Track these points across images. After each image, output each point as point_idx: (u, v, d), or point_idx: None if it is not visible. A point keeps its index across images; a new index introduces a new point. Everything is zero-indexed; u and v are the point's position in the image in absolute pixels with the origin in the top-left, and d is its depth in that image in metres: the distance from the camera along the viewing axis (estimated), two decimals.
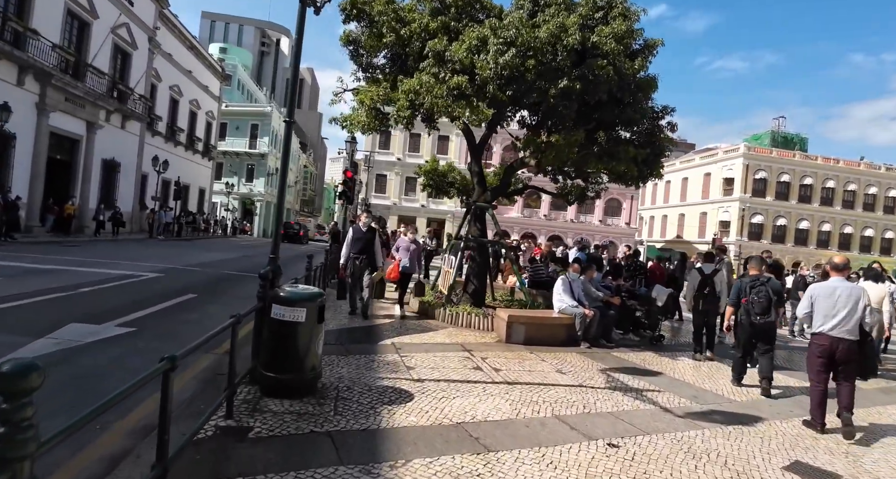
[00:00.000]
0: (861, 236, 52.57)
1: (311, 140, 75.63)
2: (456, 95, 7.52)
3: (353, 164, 15.33)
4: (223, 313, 8.33)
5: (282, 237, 18.36)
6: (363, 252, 8.44)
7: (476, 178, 10.57)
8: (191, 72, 35.50)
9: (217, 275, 13.04)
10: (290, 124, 4.93)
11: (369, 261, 8.50)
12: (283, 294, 4.24)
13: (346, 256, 8.54)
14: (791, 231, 52.04)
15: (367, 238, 8.50)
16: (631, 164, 7.89)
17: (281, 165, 5.11)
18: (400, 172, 46.46)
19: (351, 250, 8.49)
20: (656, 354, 8.17)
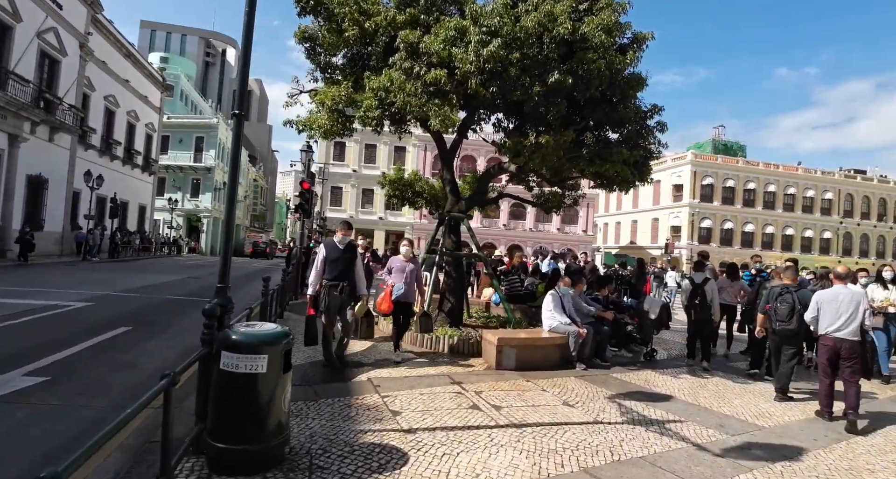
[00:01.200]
0: (801, 237, 55.06)
1: (261, 153, 73.04)
2: (433, 91, 6.67)
3: (310, 174, 14.22)
4: (164, 351, 6.90)
5: (251, 255, 16.86)
6: (341, 278, 6.23)
7: (448, 186, 9.72)
8: (128, 81, 33.24)
9: (158, 302, 11.59)
10: (240, 117, 3.93)
11: (350, 289, 6.32)
12: (235, 337, 3.22)
13: (315, 283, 6.26)
14: (738, 234, 53.95)
15: (346, 258, 6.30)
16: (624, 166, 7.25)
17: (230, 170, 4.05)
18: (356, 183, 45.18)
19: (324, 275, 6.25)
20: (656, 372, 7.50)
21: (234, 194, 4.08)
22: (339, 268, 6.26)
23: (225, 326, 3.61)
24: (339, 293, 6.24)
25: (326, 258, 6.28)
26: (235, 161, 3.98)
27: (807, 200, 55.96)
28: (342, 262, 6.28)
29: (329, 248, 6.34)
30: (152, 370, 5.82)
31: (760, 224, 54.75)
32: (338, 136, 8.89)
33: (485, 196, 9.61)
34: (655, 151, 7.85)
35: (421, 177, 12.59)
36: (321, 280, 6.27)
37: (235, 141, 3.96)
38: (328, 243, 6.41)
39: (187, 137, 45.58)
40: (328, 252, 6.31)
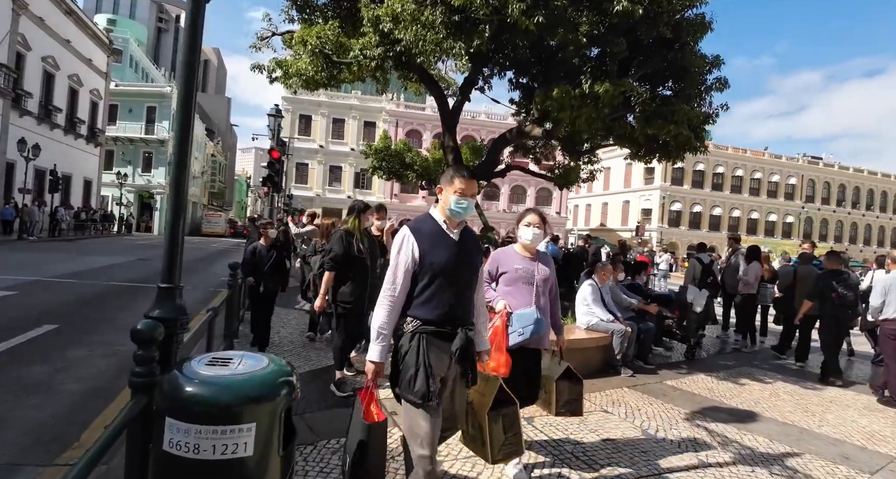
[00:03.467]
0: (766, 221, 56.01)
1: (219, 128, 68.95)
2: (456, 22, 5.09)
3: (280, 142, 12.40)
4: (94, 363, 5.02)
5: (230, 236, 15.26)
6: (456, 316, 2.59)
7: (451, 155, 8.19)
8: (69, 42, 29.86)
9: (96, 290, 9.70)
10: (191, 66, 2.32)
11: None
12: (194, 391, 1.68)
13: (388, 326, 2.66)
14: (706, 217, 54.44)
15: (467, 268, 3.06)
16: (686, 128, 5.89)
17: (178, 124, 2.41)
18: (323, 160, 42.85)
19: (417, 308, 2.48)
20: (711, 376, 6.31)
21: (186, 154, 2.48)
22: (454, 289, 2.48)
23: (173, 360, 2.07)
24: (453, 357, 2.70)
25: (426, 268, 2.40)
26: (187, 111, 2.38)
27: (772, 185, 56.83)
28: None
29: (428, 240, 2.42)
30: (70, 397, 4.19)
31: (728, 208, 55.38)
32: (322, 86, 7.21)
33: (494, 167, 8.13)
34: (714, 113, 6.49)
35: (411, 147, 11.01)
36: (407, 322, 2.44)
37: (187, 82, 2.37)
38: (421, 230, 2.45)
39: (138, 107, 42.00)
40: (430, 253, 2.40)
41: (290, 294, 8.23)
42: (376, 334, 2.34)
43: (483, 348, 2.64)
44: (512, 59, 7.24)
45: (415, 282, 2.37)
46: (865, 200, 60.11)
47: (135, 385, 1.88)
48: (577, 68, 6.32)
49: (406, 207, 43.49)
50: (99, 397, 4.20)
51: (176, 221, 2.28)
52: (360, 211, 4.69)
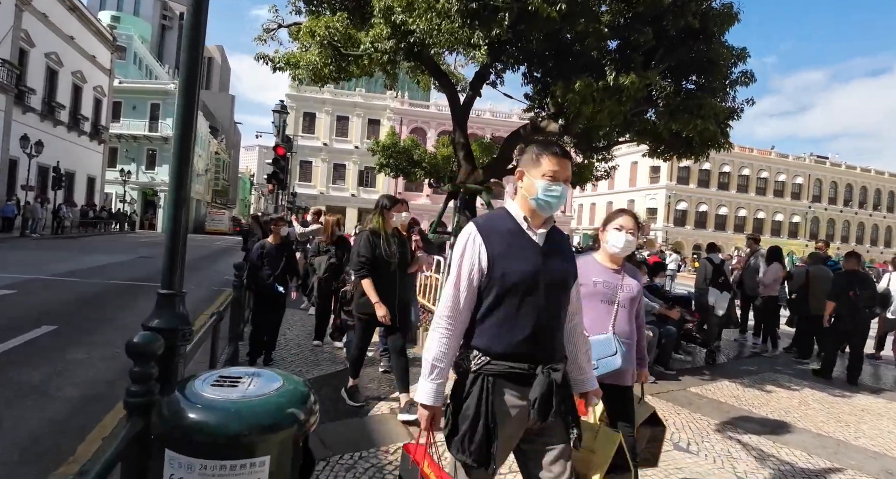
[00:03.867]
0: (772, 221, 55.59)
1: (223, 125, 68.82)
2: (474, 9, 4.84)
3: (286, 138, 12.16)
4: (93, 366, 4.78)
5: (235, 234, 14.46)
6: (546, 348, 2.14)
7: (462, 151, 7.95)
8: (73, 38, 29.68)
9: (97, 289, 9.49)
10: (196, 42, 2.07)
11: None
12: (198, 418, 1.44)
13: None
14: (711, 217, 54.10)
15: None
16: (713, 123, 5.63)
17: (179, 114, 2.18)
18: (327, 158, 42.61)
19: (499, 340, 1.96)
20: (735, 383, 6.06)
21: (189, 148, 2.23)
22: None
23: (174, 377, 1.83)
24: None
25: (497, 280, 1.76)
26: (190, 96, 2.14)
27: (778, 184, 56.40)
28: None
29: (501, 242, 1.79)
30: (67, 404, 3.96)
31: (734, 207, 54.99)
32: (330, 81, 6.96)
33: (507, 164, 7.87)
34: (739, 108, 6.22)
35: (419, 144, 10.76)
36: (470, 355, 1.81)
37: (189, 75, 2.13)
38: (493, 229, 1.81)
39: (141, 105, 41.85)
40: (503, 261, 1.77)
41: None
42: (430, 369, 1.76)
43: (589, 388, 1.99)
44: (526, 52, 6.98)
45: (481, 299, 1.76)
46: (872, 200, 59.61)
47: (131, 406, 1.64)
48: (594, 61, 6.06)
49: (411, 206, 43.11)
50: (97, 404, 3.98)
51: (176, 220, 2.03)
52: (384, 208, 4.10)
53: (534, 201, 1.79)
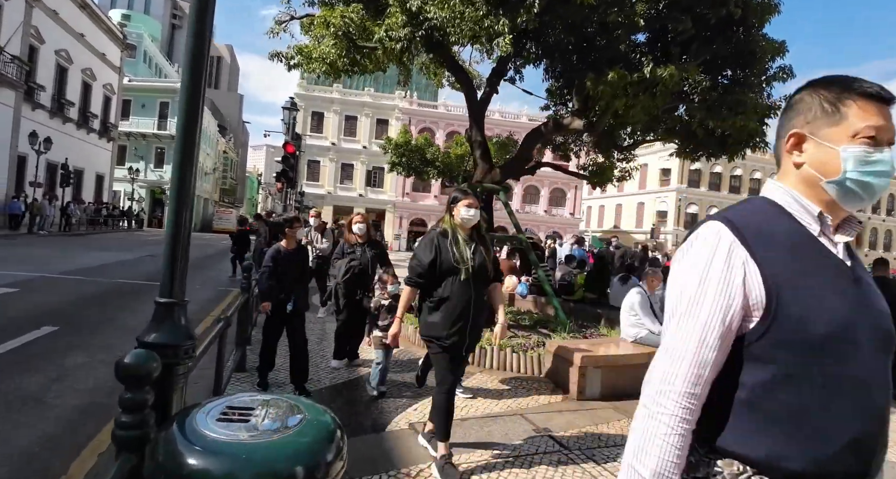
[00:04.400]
0: None
1: (231, 124, 68.89)
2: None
3: (296, 136, 11.91)
4: (93, 371, 4.43)
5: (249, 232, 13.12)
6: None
7: (479, 150, 7.64)
8: (83, 35, 29.65)
9: (101, 288, 9.26)
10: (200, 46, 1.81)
11: None
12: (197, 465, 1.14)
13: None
14: None
15: None
16: (754, 120, 5.30)
17: (184, 99, 1.91)
18: (335, 157, 42.42)
19: None
20: None
21: (193, 146, 1.95)
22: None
23: (171, 406, 1.54)
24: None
25: (787, 331, 0.98)
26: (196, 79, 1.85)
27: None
28: None
29: (785, 258, 1.01)
30: (64, 414, 3.69)
31: None
32: (344, 74, 6.68)
33: (527, 163, 7.56)
34: (777, 105, 5.86)
35: (432, 142, 10.47)
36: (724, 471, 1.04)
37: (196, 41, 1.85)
38: (765, 234, 1.04)
39: (151, 103, 41.89)
40: (797, 295, 0.98)
41: None
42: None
43: None
44: (546, 46, 6.69)
45: (739, 362, 1.00)
46: (886, 205, 58.71)
47: (120, 441, 1.35)
48: (622, 54, 5.76)
49: (418, 206, 43.02)
50: (96, 414, 3.71)
51: (178, 222, 1.75)
52: (454, 201, 3.23)
53: (837, 186, 1.01)
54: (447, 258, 3.11)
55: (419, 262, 3.17)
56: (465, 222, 3.19)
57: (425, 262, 3.13)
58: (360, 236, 5.49)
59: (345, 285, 5.25)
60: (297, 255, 4.64)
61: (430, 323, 3.16)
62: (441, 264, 3.11)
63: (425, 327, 3.22)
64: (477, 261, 3.14)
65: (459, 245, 3.14)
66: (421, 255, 3.19)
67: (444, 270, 3.11)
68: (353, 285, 5.26)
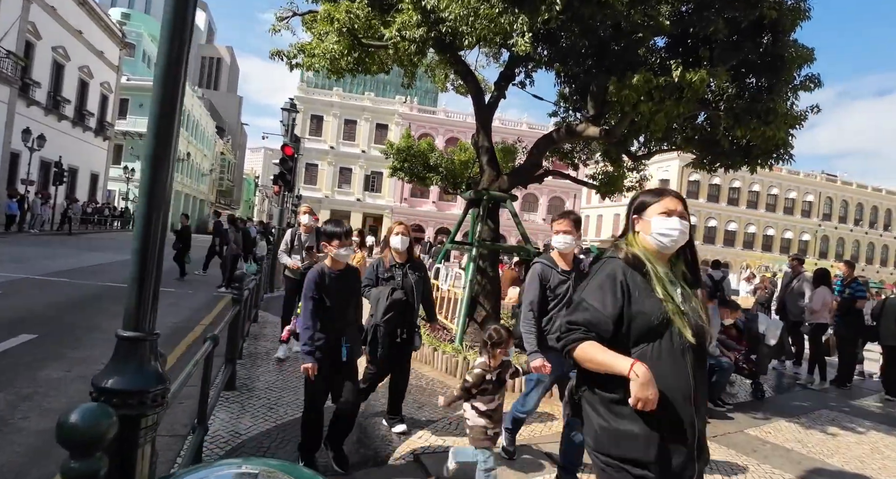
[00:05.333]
0: (781, 238, 54.93)
1: (230, 126, 68.56)
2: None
3: (295, 138, 11.58)
4: (64, 391, 3.94)
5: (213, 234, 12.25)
6: None
7: (486, 156, 7.33)
8: (81, 33, 29.32)
9: (88, 290, 8.88)
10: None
11: None
12: None
13: None
14: (721, 232, 53.48)
15: None
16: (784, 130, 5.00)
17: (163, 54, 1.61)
18: (333, 161, 42.13)
19: None
20: (792, 422, 5.39)
21: (171, 136, 1.63)
22: None
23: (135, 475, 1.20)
24: None
25: None
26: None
27: (788, 201, 55.77)
28: None
29: None
30: (29, 439, 3.32)
31: (743, 223, 54.37)
32: (350, 72, 6.37)
33: (536, 170, 7.25)
34: (803, 115, 5.55)
35: (435, 147, 10.17)
36: None
37: None
38: None
39: (149, 103, 41.36)
40: None
41: None
42: None
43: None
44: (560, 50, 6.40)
45: None
46: (883, 220, 58.81)
47: None
48: (641, 59, 5.46)
49: (416, 211, 42.71)
50: None
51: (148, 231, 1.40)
52: (641, 208, 1.88)
53: None
54: (650, 307, 1.71)
55: (595, 311, 1.74)
56: (669, 246, 1.79)
57: (609, 312, 1.72)
58: (401, 255, 4.02)
59: (386, 325, 3.82)
60: (348, 279, 3.35)
61: (618, 432, 1.67)
62: (635, 317, 1.72)
63: (607, 440, 1.70)
64: (694, 316, 1.75)
65: (666, 285, 1.76)
66: (597, 297, 1.76)
67: (642, 328, 1.70)
68: (394, 324, 3.85)
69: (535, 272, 3.40)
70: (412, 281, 3.95)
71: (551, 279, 3.37)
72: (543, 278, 3.37)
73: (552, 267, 3.40)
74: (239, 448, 3.31)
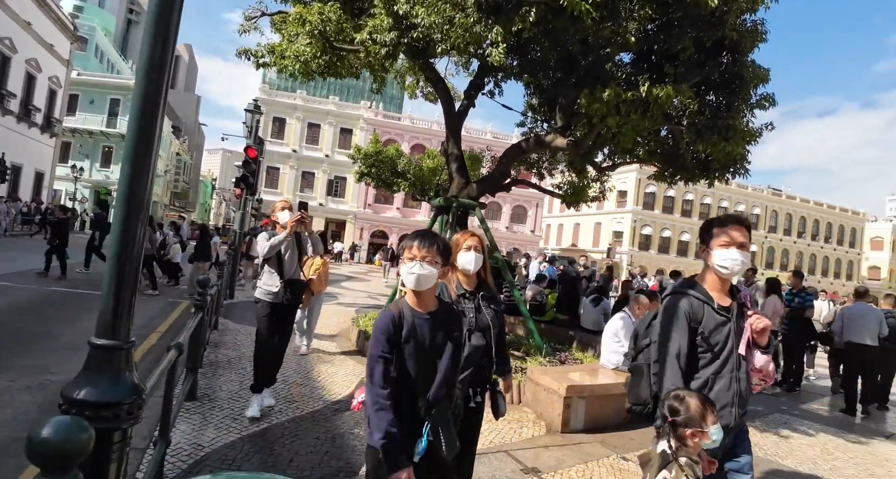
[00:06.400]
0: None
1: (187, 126, 66.45)
2: (494, 1, 4.29)
3: (258, 139, 11.30)
4: (12, 397, 3.72)
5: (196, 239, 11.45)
6: None
7: (455, 163, 7.37)
8: (30, 24, 27.88)
9: (34, 295, 8.39)
10: None
11: None
12: None
13: None
14: (675, 242, 55.38)
15: None
16: (742, 146, 5.23)
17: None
18: (295, 165, 41.40)
19: None
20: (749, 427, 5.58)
21: (153, 131, 1.57)
22: None
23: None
24: None
25: None
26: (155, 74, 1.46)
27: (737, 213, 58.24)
28: None
29: None
30: None
31: (695, 234, 56.32)
32: (320, 75, 6.28)
33: (504, 179, 7.32)
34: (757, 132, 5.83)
35: (403, 154, 10.14)
36: None
37: None
38: None
39: (100, 99, 39.80)
40: None
41: None
42: None
43: None
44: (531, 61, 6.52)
45: None
46: (823, 233, 62.22)
47: None
48: (608, 73, 5.62)
49: (380, 217, 42.44)
50: (17, 453, 3.12)
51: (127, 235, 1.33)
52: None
53: None
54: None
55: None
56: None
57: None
58: (470, 280, 2.76)
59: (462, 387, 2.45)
60: (444, 323, 2.08)
61: None
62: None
63: None
64: None
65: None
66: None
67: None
68: (467, 384, 2.47)
69: (680, 310, 2.14)
70: (488, 318, 2.70)
71: (705, 320, 2.13)
72: (693, 318, 2.12)
73: (706, 302, 2.15)
74: (203, 462, 3.18)
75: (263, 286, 4.30)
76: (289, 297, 4.30)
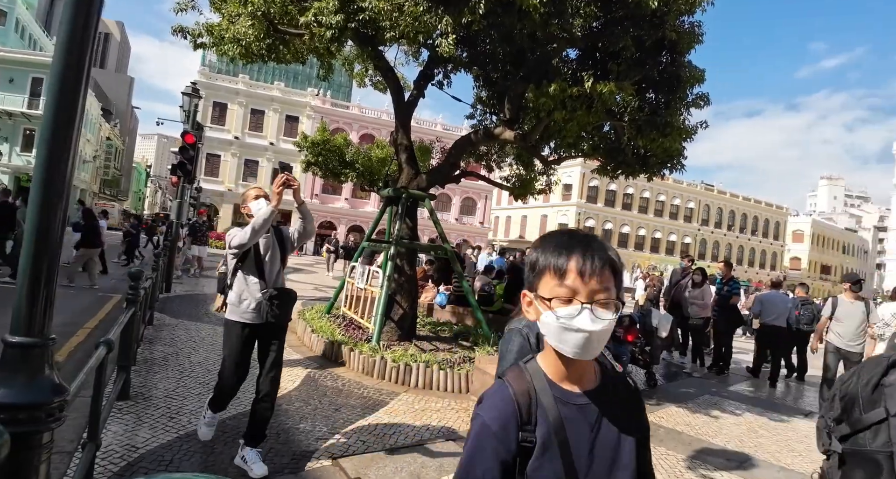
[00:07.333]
0: (667, 241, 60.19)
1: (118, 109, 62.53)
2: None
3: (197, 125, 10.76)
4: None
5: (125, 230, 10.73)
6: None
7: (405, 154, 7.31)
8: None
9: None
10: None
11: None
12: None
13: None
14: (616, 235, 57.49)
15: None
16: (679, 142, 5.45)
17: None
18: (237, 153, 39.85)
19: None
20: (681, 407, 5.93)
21: (75, 111, 1.49)
22: None
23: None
24: None
25: None
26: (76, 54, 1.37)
27: (673, 207, 61.19)
28: None
29: None
30: None
31: (635, 227, 58.84)
32: (260, 60, 6.04)
33: (454, 170, 7.34)
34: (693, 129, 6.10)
35: (352, 143, 9.97)
36: None
37: None
38: None
39: (21, 77, 36.78)
40: None
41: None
42: None
43: None
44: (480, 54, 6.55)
45: None
46: (751, 226, 66.35)
47: None
48: (555, 68, 5.73)
49: (327, 208, 41.63)
50: None
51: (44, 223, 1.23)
52: None
53: None
54: None
55: None
56: None
57: None
58: None
59: None
60: (617, 422, 1.03)
61: None
62: None
63: None
64: None
65: None
66: None
67: None
68: None
69: None
70: None
71: None
72: None
73: None
74: (137, 463, 3.02)
75: (239, 304, 3.23)
76: (276, 312, 3.19)
